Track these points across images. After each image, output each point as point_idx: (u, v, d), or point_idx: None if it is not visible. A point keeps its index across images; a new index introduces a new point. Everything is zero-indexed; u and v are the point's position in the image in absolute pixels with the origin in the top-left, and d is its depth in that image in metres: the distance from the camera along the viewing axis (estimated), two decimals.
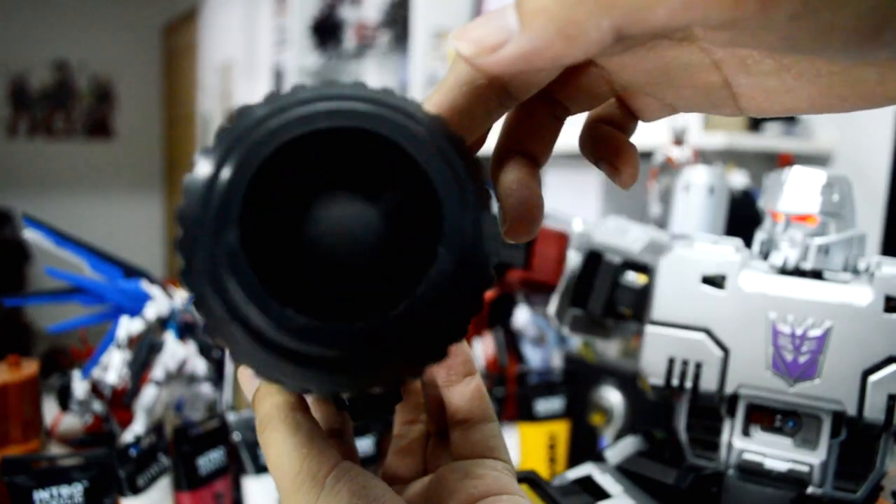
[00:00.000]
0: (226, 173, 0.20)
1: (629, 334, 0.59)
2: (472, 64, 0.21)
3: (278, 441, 0.25)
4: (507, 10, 0.20)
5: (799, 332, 0.45)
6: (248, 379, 0.28)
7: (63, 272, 0.72)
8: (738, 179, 1.24)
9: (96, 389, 0.73)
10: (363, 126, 0.20)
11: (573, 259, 0.57)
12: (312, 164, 0.21)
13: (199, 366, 0.75)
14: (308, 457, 0.25)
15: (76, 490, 0.55)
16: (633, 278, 0.55)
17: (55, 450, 0.74)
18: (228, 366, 0.78)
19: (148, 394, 0.71)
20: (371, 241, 0.21)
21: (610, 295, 0.55)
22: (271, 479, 0.26)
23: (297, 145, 0.20)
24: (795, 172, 0.48)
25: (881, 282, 0.44)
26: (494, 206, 0.22)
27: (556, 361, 0.93)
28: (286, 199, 0.21)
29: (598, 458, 0.53)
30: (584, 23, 0.19)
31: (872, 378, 0.43)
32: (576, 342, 0.94)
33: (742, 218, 0.93)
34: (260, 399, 0.27)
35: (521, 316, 0.91)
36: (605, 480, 0.50)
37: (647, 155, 1.19)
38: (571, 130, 0.28)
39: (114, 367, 0.71)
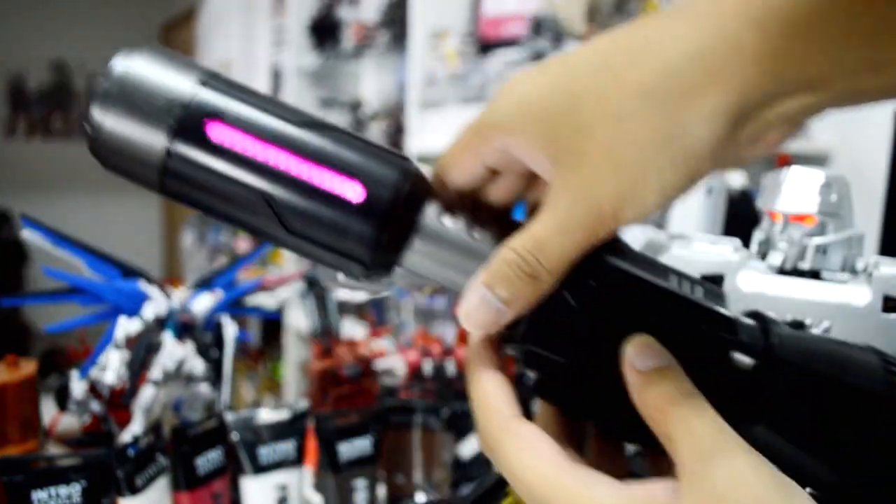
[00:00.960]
0: None
1: None
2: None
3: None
4: (491, 293, 0.29)
5: None
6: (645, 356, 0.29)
7: (61, 272, 0.72)
8: (737, 179, 1.24)
9: (94, 389, 0.73)
10: None
11: None
12: None
13: (198, 366, 0.75)
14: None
15: (74, 490, 0.55)
16: None
17: (53, 450, 0.74)
18: (226, 366, 0.78)
19: (146, 394, 0.71)
20: None
21: None
22: (269, 479, 0.25)
23: None
24: (793, 172, 0.48)
25: (879, 282, 0.44)
26: None
27: None
28: None
29: None
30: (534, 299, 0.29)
31: None
32: None
33: (740, 218, 0.93)
34: (662, 377, 0.28)
35: None
36: None
37: None
38: None
39: (112, 367, 0.71)
